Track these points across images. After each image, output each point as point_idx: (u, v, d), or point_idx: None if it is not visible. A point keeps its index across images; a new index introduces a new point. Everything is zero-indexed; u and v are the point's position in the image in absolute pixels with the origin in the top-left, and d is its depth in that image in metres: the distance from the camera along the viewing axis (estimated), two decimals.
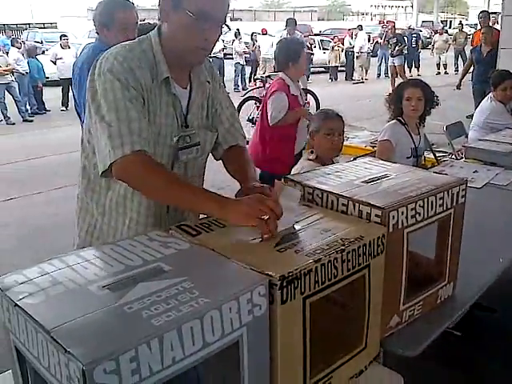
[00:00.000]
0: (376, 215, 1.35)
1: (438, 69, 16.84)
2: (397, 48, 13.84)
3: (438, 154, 5.08)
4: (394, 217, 1.35)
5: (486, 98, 4.50)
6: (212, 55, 14.06)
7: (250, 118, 8.14)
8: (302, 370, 1.16)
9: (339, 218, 1.38)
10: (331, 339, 1.29)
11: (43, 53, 13.35)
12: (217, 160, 1.85)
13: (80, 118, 2.99)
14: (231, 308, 0.96)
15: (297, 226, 1.31)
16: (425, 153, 4.23)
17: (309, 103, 5.02)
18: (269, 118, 3.66)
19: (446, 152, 5.46)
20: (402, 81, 4.16)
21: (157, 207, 1.68)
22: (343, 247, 1.19)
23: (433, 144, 5.09)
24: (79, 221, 1.79)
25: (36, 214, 5.19)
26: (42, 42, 17.40)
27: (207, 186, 1.76)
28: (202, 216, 1.42)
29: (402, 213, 1.37)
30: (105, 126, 1.45)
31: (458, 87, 8.26)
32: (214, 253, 1.16)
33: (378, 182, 1.54)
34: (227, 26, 1.60)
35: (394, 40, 13.97)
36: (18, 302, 0.93)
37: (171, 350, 0.87)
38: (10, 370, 1.10)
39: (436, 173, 1.99)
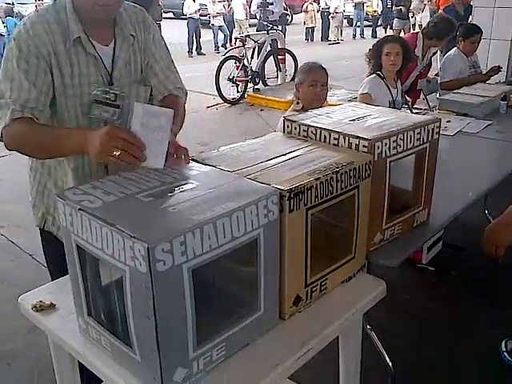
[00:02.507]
0: (363, 146, 1.58)
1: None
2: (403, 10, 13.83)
3: (414, 111, 5.34)
4: (378, 147, 1.59)
5: (451, 51, 4.72)
6: (188, 16, 14.10)
7: (231, 77, 8.29)
8: (304, 268, 1.42)
9: (332, 149, 1.61)
10: (327, 247, 1.55)
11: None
12: None
13: None
14: (252, 211, 1.19)
15: (298, 152, 1.54)
16: (402, 108, 4.49)
17: None
18: None
19: (421, 108, 5.72)
20: None
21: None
22: (337, 169, 1.43)
23: (409, 101, 5.34)
24: (30, 179, 1.84)
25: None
26: (13, 4, 16.97)
27: (192, 142, 1.86)
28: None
29: (386, 144, 1.61)
30: None
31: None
32: (230, 173, 1.39)
33: (363, 120, 1.77)
34: None
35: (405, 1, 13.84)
36: (81, 206, 1.15)
37: (209, 239, 1.10)
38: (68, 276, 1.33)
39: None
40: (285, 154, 1.53)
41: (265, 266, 1.28)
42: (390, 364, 2.13)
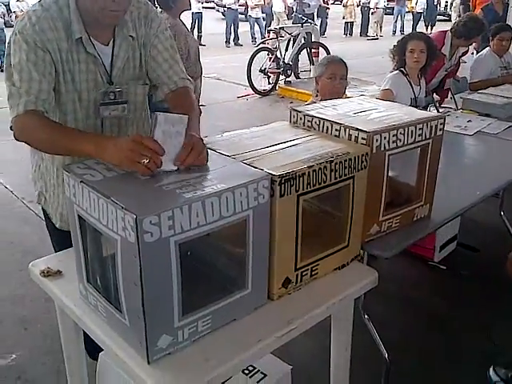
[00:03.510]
0: (362, 138, 1.63)
1: None
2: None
3: (441, 111, 5.31)
4: (377, 140, 1.64)
5: (483, 51, 4.69)
6: (227, 6, 14.20)
7: (262, 68, 8.35)
8: (295, 251, 1.48)
9: (332, 139, 1.67)
10: (319, 235, 1.61)
11: None
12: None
13: None
14: (241, 193, 1.26)
15: (298, 141, 1.60)
16: (430, 108, 4.50)
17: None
18: None
19: (449, 107, 5.69)
20: None
21: None
22: (332, 159, 1.49)
23: (437, 100, 5.32)
24: (31, 158, 1.92)
25: None
26: None
27: (217, 130, 1.89)
28: None
29: (385, 137, 1.66)
30: (9, 85, 1.59)
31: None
32: (228, 157, 1.46)
33: (367, 113, 1.82)
34: None
35: None
36: (82, 179, 1.25)
37: (197, 216, 1.18)
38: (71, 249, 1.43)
39: None
40: (284, 142, 1.60)
41: (254, 246, 1.34)
42: (386, 355, 2.17)
